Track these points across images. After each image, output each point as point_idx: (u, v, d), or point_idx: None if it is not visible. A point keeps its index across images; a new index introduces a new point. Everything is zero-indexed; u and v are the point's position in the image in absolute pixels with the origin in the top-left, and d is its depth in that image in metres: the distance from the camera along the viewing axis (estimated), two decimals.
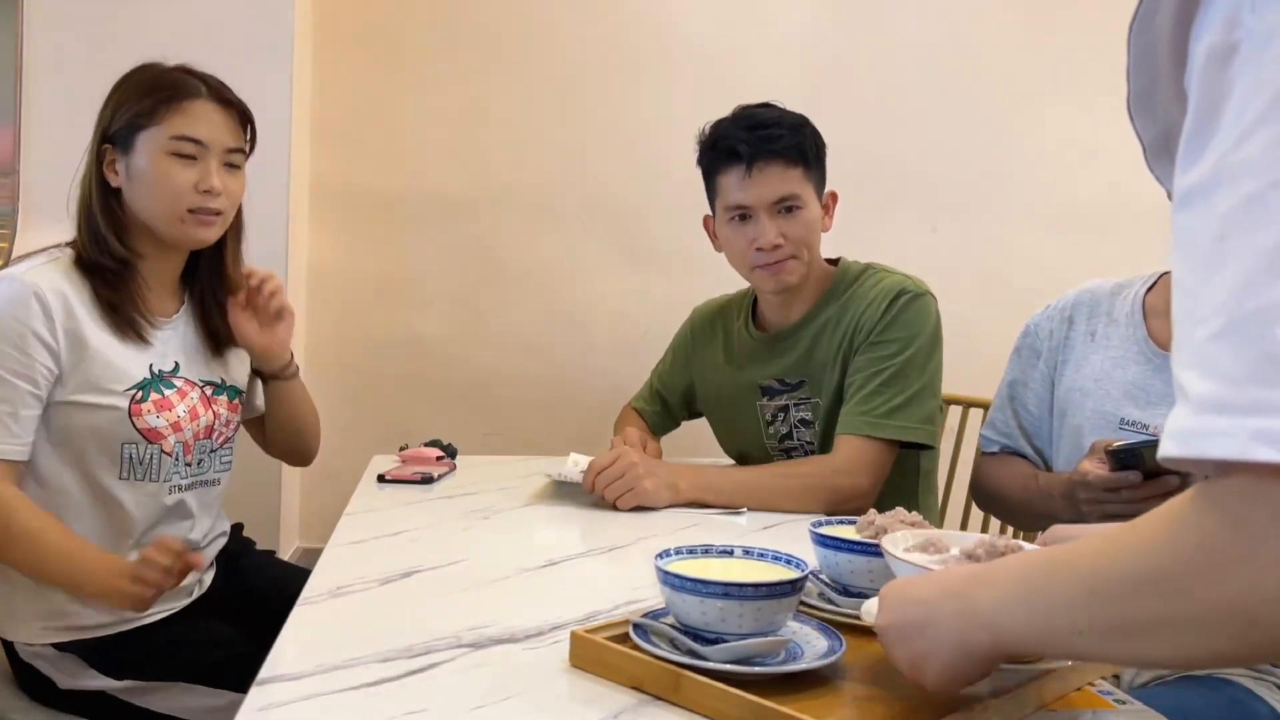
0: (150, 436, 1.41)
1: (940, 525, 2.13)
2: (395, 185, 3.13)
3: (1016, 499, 1.55)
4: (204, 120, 1.41)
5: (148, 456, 1.41)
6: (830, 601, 0.98)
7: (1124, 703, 0.82)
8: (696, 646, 0.81)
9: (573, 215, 3.15)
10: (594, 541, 1.29)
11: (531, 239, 3.15)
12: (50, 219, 2.43)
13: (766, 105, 1.71)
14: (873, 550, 0.96)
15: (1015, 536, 1.92)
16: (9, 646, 1.40)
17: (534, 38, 3.12)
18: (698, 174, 1.75)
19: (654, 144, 3.07)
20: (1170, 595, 0.51)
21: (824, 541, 0.99)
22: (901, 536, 0.87)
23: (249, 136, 1.48)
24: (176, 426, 1.43)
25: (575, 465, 1.60)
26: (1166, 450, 0.48)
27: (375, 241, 3.14)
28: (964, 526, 2.07)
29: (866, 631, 0.95)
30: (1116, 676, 1.26)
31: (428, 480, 1.66)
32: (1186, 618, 0.50)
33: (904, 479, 1.70)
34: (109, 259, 1.41)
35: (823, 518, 1.09)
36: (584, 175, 3.14)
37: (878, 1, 3.14)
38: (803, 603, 0.94)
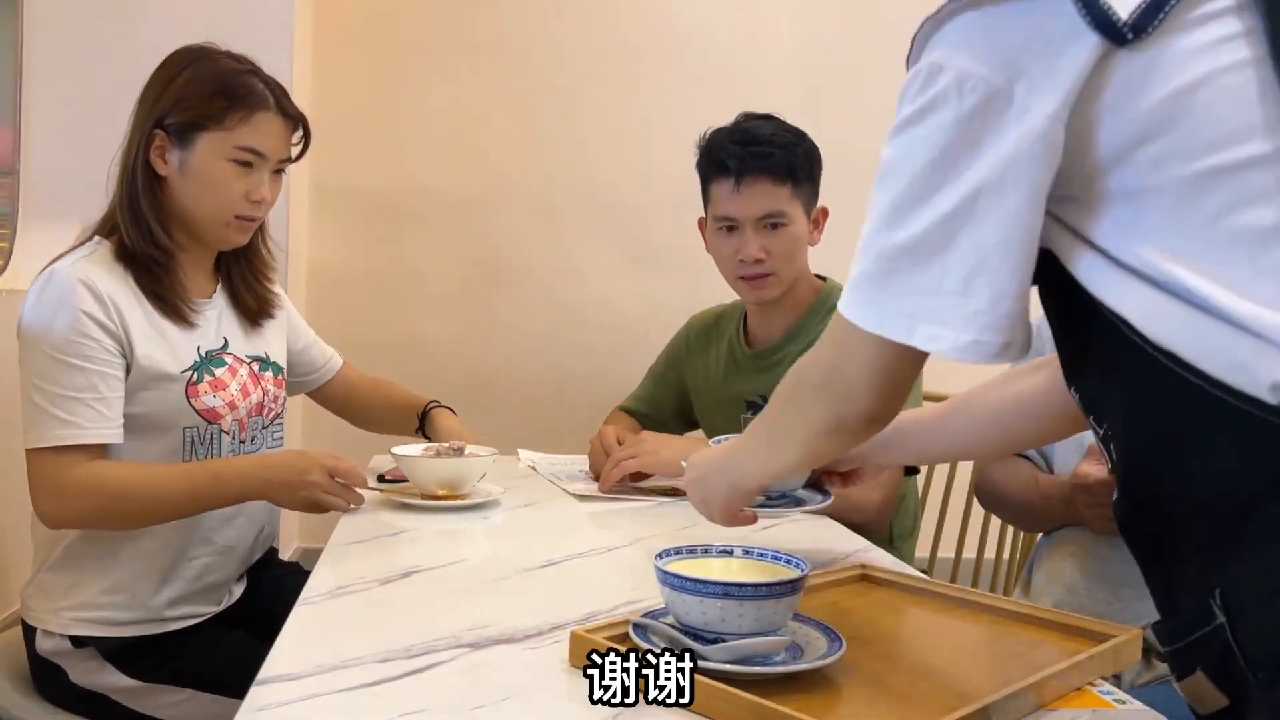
0: (209, 417, 1.42)
1: (936, 531, 2.13)
2: (395, 184, 3.13)
3: (1017, 501, 1.55)
4: (268, 133, 1.42)
5: (208, 437, 1.43)
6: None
7: (1124, 703, 0.82)
8: (696, 646, 0.81)
9: (573, 215, 3.15)
10: (594, 541, 1.29)
11: (532, 238, 3.15)
12: (50, 219, 2.43)
13: (767, 118, 1.73)
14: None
15: (1018, 537, 1.93)
16: (30, 640, 1.40)
17: (534, 37, 3.12)
18: (697, 174, 1.77)
19: (655, 143, 3.06)
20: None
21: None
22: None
23: (298, 141, 1.50)
24: (232, 405, 1.45)
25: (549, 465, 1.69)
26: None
27: (376, 241, 3.13)
28: (963, 529, 2.07)
29: (867, 631, 0.95)
30: (1117, 677, 1.26)
31: None
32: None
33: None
34: (154, 249, 1.40)
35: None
36: (584, 175, 3.14)
37: (879, 1, 3.14)
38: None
